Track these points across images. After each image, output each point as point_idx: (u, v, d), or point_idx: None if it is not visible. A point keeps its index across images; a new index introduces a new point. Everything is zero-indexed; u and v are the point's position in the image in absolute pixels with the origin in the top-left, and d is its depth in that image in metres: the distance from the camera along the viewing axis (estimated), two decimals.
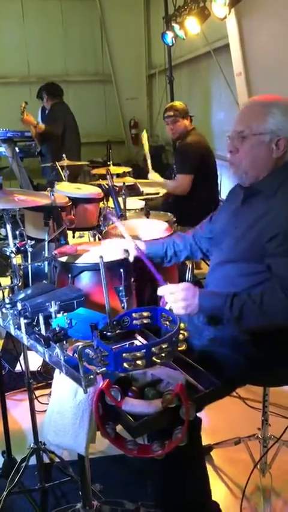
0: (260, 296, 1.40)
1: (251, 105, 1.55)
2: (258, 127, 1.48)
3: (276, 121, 1.46)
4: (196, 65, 6.16)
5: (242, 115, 1.55)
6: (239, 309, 1.40)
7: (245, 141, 1.51)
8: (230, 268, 1.56)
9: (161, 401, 1.14)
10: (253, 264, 1.49)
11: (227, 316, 1.43)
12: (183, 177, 3.46)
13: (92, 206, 2.88)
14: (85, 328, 1.20)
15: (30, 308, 1.33)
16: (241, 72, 3.89)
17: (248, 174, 1.55)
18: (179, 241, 1.88)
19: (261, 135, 1.48)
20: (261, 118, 1.48)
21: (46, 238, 2.14)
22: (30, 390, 1.81)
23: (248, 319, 1.41)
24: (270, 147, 1.49)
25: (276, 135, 1.47)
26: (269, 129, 1.47)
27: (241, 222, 1.57)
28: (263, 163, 1.51)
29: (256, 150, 1.50)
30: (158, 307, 1.35)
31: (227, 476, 1.95)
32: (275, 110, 1.47)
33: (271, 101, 1.50)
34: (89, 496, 1.49)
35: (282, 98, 1.52)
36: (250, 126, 1.50)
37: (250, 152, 1.51)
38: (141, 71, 8.24)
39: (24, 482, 1.82)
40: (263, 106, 1.50)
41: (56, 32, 7.89)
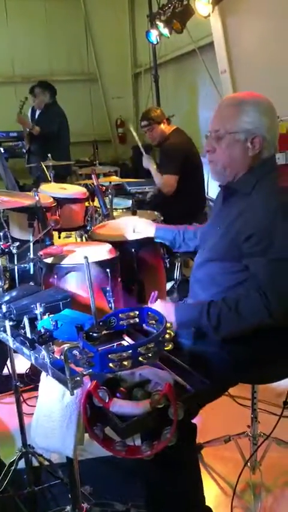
0: (235, 301, 1.40)
1: (226, 103, 1.53)
2: (233, 126, 1.48)
3: (250, 119, 1.46)
4: (181, 63, 6.16)
5: (218, 114, 1.54)
6: (217, 317, 1.41)
7: (221, 140, 1.51)
8: (213, 267, 1.56)
9: (149, 402, 1.13)
10: (234, 262, 1.49)
11: (206, 325, 1.43)
12: (169, 177, 3.47)
13: (77, 206, 2.86)
14: (71, 330, 1.18)
15: (15, 310, 1.31)
16: (226, 70, 3.91)
17: (226, 172, 1.55)
18: (190, 230, 1.90)
19: (236, 134, 1.48)
20: (236, 117, 1.47)
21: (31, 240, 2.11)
22: (18, 393, 1.79)
23: (226, 326, 1.41)
24: (246, 145, 1.48)
25: (251, 133, 1.47)
26: (243, 127, 1.47)
27: (221, 222, 1.57)
28: (239, 162, 1.51)
29: (232, 149, 1.50)
30: (144, 307, 1.34)
31: (217, 474, 1.95)
32: (249, 108, 1.46)
33: (246, 99, 1.50)
34: (78, 498, 1.48)
35: (258, 95, 1.51)
36: (225, 125, 1.49)
37: (226, 151, 1.51)
38: (126, 70, 8.23)
39: (13, 485, 1.80)
40: (237, 104, 1.49)
41: (40, 31, 7.83)
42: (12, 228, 2.54)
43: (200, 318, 1.43)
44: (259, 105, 1.47)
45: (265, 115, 1.47)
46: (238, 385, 1.60)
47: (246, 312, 1.39)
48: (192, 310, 1.46)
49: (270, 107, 1.49)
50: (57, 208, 2.67)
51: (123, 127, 8.36)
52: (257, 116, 1.46)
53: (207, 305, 1.42)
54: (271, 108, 1.49)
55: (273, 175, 1.51)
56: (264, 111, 1.47)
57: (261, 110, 1.47)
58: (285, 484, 1.88)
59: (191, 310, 1.47)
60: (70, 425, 1.29)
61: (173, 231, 1.92)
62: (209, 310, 1.41)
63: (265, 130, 1.47)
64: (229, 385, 1.58)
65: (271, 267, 1.38)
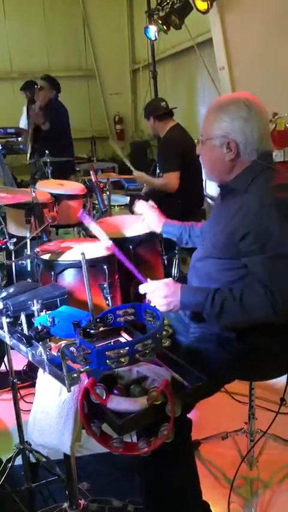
0: (240, 292, 1.40)
1: (209, 109, 1.56)
2: (210, 132, 1.52)
3: (222, 125, 1.48)
4: (180, 60, 6.14)
5: (203, 119, 1.58)
6: (220, 305, 1.40)
7: (203, 146, 1.57)
8: (210, 263, 1.57)
9: (146, 399, 1.13)
10: (231, 259, 1.49)
11: (208, 311, 1.43)
12: (170, 174, 3.45)
13: (75, 202, 2.85)
14: (68, 326, 1.18)
15: (12, 307, 1.31)
16: (224, 67, 3.89)
17: (212, 175, 1.61)
18: (196, 227, 1.91)
19: (212, 140, 1.52)
20: (212, 123, 1.51)
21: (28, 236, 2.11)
22: (15, 390, 1.79)
23: (228, 314, 1.41)
24: (222, 150, 1.50)
25: (225, 138, 1.49)
26: (216, 133, 1.50)
27: (219, 219, 1.58)
28: (220, 166, 1.54)
29: (210, 154, 1.55)
30: (141, 303, 1.33)
31: (214, 471, 1.95)
32: (222, 115, 1.48)
33: (222, 104, 1.51)
34: (75, 495, 1.48)
35: (239, 97, 1.50)
36: (205, 131, 1.55)
37: (207, 156, 1.58)
38: (125, 66, 8.20)
39: (10, 482, 1.80)
40: (214, 111, 1.52)
41: (38, 27, 7.80)
42: (9, 225, 2.53)
43: (205, 303, 1.42)
44: (233, 110, 1.47)
45: (239, 119, 1.46)
46: (236, 381, 1.60)
47: (250, 305, 1.39)
48: (198, 293, 1.46)
49: (247, 109, 1.46)
50: (54, 205, 2.66)
51: (121, 123, 8.34)
52: (229, 122, 1.47)
53: (213, 291, 1.42)
54: (249, 110, 1.46)
55: (268, 173, 1.51)
56: (237, 116, 1.46)
57: (235, 114, 1.46)
58: (282, 480, 1.88)
59: (197, 294, 1.46)
60: (67, 422, 1.29)
61: (179, 227, 1.93)
62: (214, 297, 1.41)
63: (238, 135, 1.47)
64: (226, 381, 1.58)
65: (270, 265, 1.38)
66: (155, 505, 1.48)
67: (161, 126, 3.59)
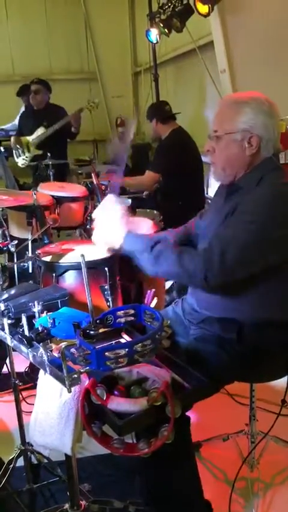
0: (181, 249, 1.45)
1: (224, 104, 1.55)
2: (230, 126, 1.49)
3: (246, 119, 1.47)
4: (181, 63, 6.16)
5: (217, 115, 1.56)
6: (158, 251, 1.45)
7: (219, 141, 1.53)
8: None
9: (146, 400, 1.14)
10: None
11: (146, 256, 1.47)
12: (149, 173, 3.49)
13: (76, 205, 2.87)
14: (69, 328, 1.19)
15: (13, 308, 1.32)
16: (225, 69, 3.90)
17: (225, 172, 1.56)
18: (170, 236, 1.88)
19: (233, 134, 1.49)
20: (233, 117, 1.49)
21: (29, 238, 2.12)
22: (17, 391, 1.79)
23: (164, 263, 1.44)
24: (243, 145, 1.49)
25: (248, 132, 1.48)
26: (240, 127, 1.48)
27: (222, 216, 1.57)
28: (238, 162, 1.52)
29: (230, 149, 1.52)
30: (141, 304, 1.34)
31: (215, 472, 1.95)
32: (245, 109, 1.48)
33: (243, 99, 1.51)
34: (76, 495, 1.48)
35: (257, 94, 1.52)
36: (223, 125, 1.52)
37: (224, 151, 1.53)
38: (126, 69, 8.21)
39: (12, 483, 1.80)
40: (234, 105, 1.51)
41: (40, 30, 7.82)
42: (11, 227, 2.55)
43: (145, 248, 1.47)
44: (256, 105, 1.48)
45: (262, 114, 1.47)
46: (236, 383, 1.61)
47: (186, 262, 1.40)
48: (142, 240, 1.51)
49: (268, 106, 1.49)
50: (56, 207, 2.67)
51: (123, 126, 8.34)
52: (253, 115, 1.47)
53: (156, 240, 1.49)
54: (269, 107, 1.49)
55: (277, 173, 1.52)
56: (260, 110, 1.47)
57: (258, 109, 1.47)
58: (283, 481, 1.88)
59: (141, 241, 1.51)
60: (68, 423, 1.30)
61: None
62: (155, 245, 1.46)
63: (262, 129, 1.47)
64: (225, 382, 1.58)
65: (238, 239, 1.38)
66: (156, 505, 1.48)
67: (164, 128, 3.61)
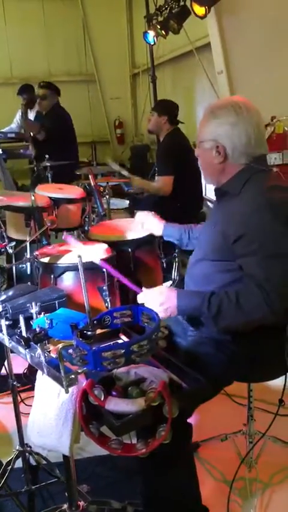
0: (236, 294, 1.41)
1: (204, 113, 1.60)
2: (202, 135, 1.57)
3: (211, 129, 1.53)
4: (179, 64, 6.18)
5: (200, 123, 1.61)
6: (217, 308, 1.41)
7: (198, 148, 1.61)
8: (207, 265, 1.58)
9: (144, 400, 1.14)
10: (226, 261, 1.51)
11: (206, 315, 1.43)
12: (164, 178, 3.48)
13: (74, 206, 2.87)
14: (66, 329, 1.19)
15: (11, 309, 1.32)
16: (222, 70, 3.91)
17: (207, 178, 1.65)
18: (195, 228, 1.93)
19: (204, 143, 1.57)
20: (204, 127, 1.56)
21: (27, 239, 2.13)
22: (15, 392, 1.79)
23: (225, 317, 1.41)
24: (212, 153, 1.54)
25: (215, 141, 1.53)
26: (207, 137, 1.55)
27: (215, 222, 1.61)
28: (211, 169, 1.59)
29: (203, 157, 1.60)
30: (138, 305, 1.35)
31: (214, 472, 1.95)
32: (212, 119, 1.53)
33: (214, 109, 1.56)
34: (75, 496, 1.49)
35: (231, 102, 1.54)
36: (199, 134, 1.59)
37: (201, 158, 1.62)
38: (124, 71, 8.23)
39: (10, 485, 1.80)
40: (207, 114, 1.56)
41: (38, 32, 7.84)
42: (9, 228, 2.55)
43: (201, 307, 1.43)
44: (222, 115, 1.51)
45: (225, 124, 1.50)
46: (234, 383, 1.61)
47: (247, 306, 1.39)
48: (194, 298, 1.47)
49: (235, 115, 1.49)
50: (54, 209, 2.68)
51: (121, 128, 8.36)
52: (217, 126, 1.52)
53: (209, 294, 1.43)
54: (237, 116, 1.49)
55: (260, 176, 1.52)
56: (226, 121, 1.50)
57: (223, 119, 1.50)
58: (281, 481, 1.88)
59: (193, 298, 1.47)
60: (66, 423, 1.30)
61: (179, 230, 1.95)
62: (210, 300, 1.42)
63: (225, 139, 1.51)
64: (224, 384, 1.59)
65: (266, 265, 1.39)
66: (153, 506, 1.49)
67: (165, 127, 3.62)
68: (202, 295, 1.44)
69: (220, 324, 1.44)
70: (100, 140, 8.04)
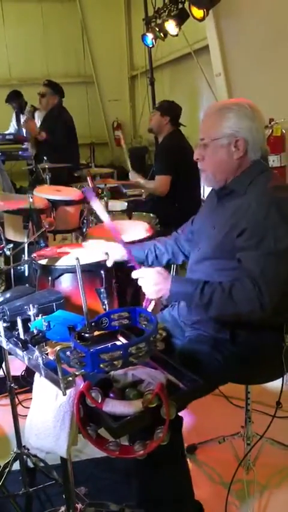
0: (230, 285, 1.42)
1: (209, 112, 1.59)
2: (216, 132, 1.54)
3: (230, 124, 1.51)
4: (177, 66, 6.19)
5: (202, 123, 1.60)
6: (209, 296, 1.42)
7: (207, 148, 1.57)
8: (207, 265, 1.59)
9: (141, 402, 1.14)
10: (228, 260, 1.51)
11: (197, 302, 1.45)
12: (161, 178, 3.48)
13: (72, 208, 2.88)
14: (64, 331, 1.19)
15: (8, 311, 1.32)
16: (220, 73, 3.92)
17: (216, 178, 1.60)
18: (160, 244, 1.89)
19: (219, 140, 1.54)
20: (217, 123, 1.53)
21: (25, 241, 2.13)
22: (13, 395, 1.79)
23: (216, 306, 1.43)
24: (230, 149, 1.53)
25: (233, 136, 1.52)
26: (225, 132, 1.52)
27: (216, 221, 1.60)
28: (227, 166, 1.56)
29: (218, 155, 1.56)
30: (136, 307, 1.35)
31: (211, 475, 1.95)
32: (229, 114, 1.52)
33: (225, 104, 1.56)
34: (72, 498, 1.48)
35: (239, 100, 1.56)
36: (209, 133, 1.56)
37: (213, 157, 1.57)
38: (123, 73, 8.25)
39: (8, 487, 1.80)
40: (218, 111, 1.55)
41: (36, 34, 7.85)
42: (7, 230, 2.55)
43: (194, 293, 1.44)
44: (239, 109, 1.51)
45: (245, 118, 1.51)
46: (232, 385, 1.61)
47: (239, 298, 1.40)
48: (188, 284, 1.48)
49: (251, 110, 1.52)
50: (52, 211, 2.68)
51: (119, 129, 8.37)
52: (237, 119, 1.51)
53: (203, 283, 1.45)
54: (252, 111, 1.53)
55: (266, 175, 1.55)
56: (244, 114, 1.51)
57: (241, 113, 1.51)
58: (279, 483, 1.89)
59: (187, 284, 1.49)
60: (63, 426, 1.30)
61: (144, 250, 1.86)
62: (204, 288, 1.43)
63: (246, 132, 1.51)
64: (219, 383, 1.59)
65: (263, 261, 1.40)
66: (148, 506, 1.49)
67: (166, 127, 3.63)
68: (196, 282, 1.46)
69: (210, 312, 1.45)
70: (98, 142, 8.04)
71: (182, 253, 1.87)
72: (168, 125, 3.62)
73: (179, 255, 1.88)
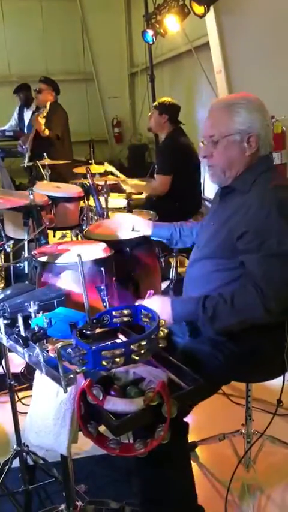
0: (231, 295, 1.40)
1: (216, 107, 1.55)
2: (226, 128, 1.50)
3: (242, 119, 1.48)
4: (178, 63, 6.18)
5: (211, 119, 1.56)
6: (212, 310, 1.41)
7: (217, 145, 1.53)
8: (207, 264, 1.57)
9: (143, 400, 1.13)
10: (227, 260, 1.50)
11: (201, 318, 1.43)
12: (161, 177, 3.47)
13: (72, 205, 2.87)
14: (65, 328, 1.19)
15: (9, 308, 1.31)
16: (221, 70, 3.91)
17: (226, 175, 1.56)
18: (186, 226, 1.91)
19: (231, 136, 1.50)
20: (229, 119, 1.49)
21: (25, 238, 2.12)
22: (12, 392, 1.79)
23: (221, 318, 1.41)
24: (242, 145, 1.50)
25: (246, 132, 1.48)
26: (237, 128, 1.49)
27: (216, 220, 1.59)
28: (238, 163, 1.53)
29: (229, 151, 1.52)
30: (137, 304, 1.34)
31: (211, 472, 1.95)
32: (239, 109, 1.48)
33: (235, 99, 1.52)
34: (72, 496, 1.48)
35: (247, 94, 1.53)
36: (219, 129, 1.51)
37: (224, 154, 1.53)
38: (123, 70, 8.24)
39: (7, 484, 1.79)
40: (227, 106, 1.51)
41: (36, 31, 7.84)
42: (7, 227, 2.54)
43: (196, 311, 1.42)
44: (249, 104, 1.49)
45: (257, 112, 1.49)
46: (232, 383, 1.61)
47: (242, 306, 1.39)
48: (189, 303, 1.47)
49: (260, 105, 1.51)
50: (52, 207, 2.67)
51: (119, 127, 8.36)
52: (248, 115, 1.48)
53: (203, 298, 1.43)
54: (261, 106, 1.51)
55: (270, 174, 1.53)
56: (254, 108, 1.49)
57: (252, 108, 1.48)
58: (279, 481, 1.88)
59: (188, 304, 1.47)
60: (64, 423, 1.29)
61: (169, 228, 1.92)
62: (205, 303, 1.41)
63: (259, 128, 1.49)
64: (221, 383, 1.58)
65: (266, 263, 1.39)
66: (150, 506, 1.48)
67: (166, 126, 3.61)
68: (196, 300, 1.44)
69: (216, 325, 1.43)
70: (98, 139, 8.02)
71: None
72: (167, 123, 3.60)
73: None
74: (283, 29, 3.65)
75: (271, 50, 3.72)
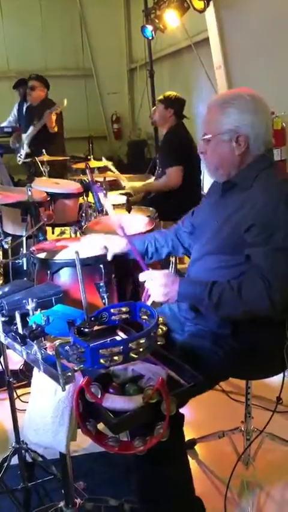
0: (238, 284, 1.40)
1: (211, 105, 1.56)
2: (217, 128, 1.51)
3: (231, 119, 1.48)
4: (177, 59, 6.15)
5: (207, 116, 1.57)
6: (218, 296, 1.40)
7: (209, 143, 1.55)
8: (210, 260, 1.56)
9: (142, 397, 1.13)
10: (232, 256, 1.49)
11: (206, 303, 1.42)
12: (173, 169, 3.43)
13: (71, 201, 2.85)
14: (63, 325, 1.18)
15: (7, 305, 1.30)
16: (221, 66, 3.89)
17: (219, 172, 1.58)
18: (160, 237, 1.86)
19: (221, 135, 1.51)
20: (219, 118, 1.50)
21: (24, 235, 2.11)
22: (11, 389, 1.78)
23: (226, 306, 1.40)
24: (231, 145, 1.50)
25: (234, 132, 1.49)
26: (225, 128, 1.49)
27: (219, 215, 1.57)
28: (229, 161, 1.54)
29: (219, 150, 1.53)
30: (136, 302, 1.33)
31: (211, 470, 1.95)
32: (229, 109, 1.48)
33: (227, 99, 1.51)
34: (71, 493, 1.47)
35: (243, 92, 1.51)
36: (210, 127, 1.53)
37: (215, 152, 1.55)
38: (122, 65, 8.21)
39: (6, 482, 1.79)
40: (220, 106, 1.51)
41: (35, 26, 7.80)
42: (5, 223, 2.53)
43: (202, 294, 1.41)
44: (239, 104, 1.48)
45: (246, 112, 1.47)
46: (232, 381, 1.60)
47: (248, 296, 1.38)
48: (196, 285, 1.45)
49: (253, 103, 1.48)
50: (50, 204, 2.66)
51: (118, 123, 8.33)
52: (238, 115, 1.48)
53: (211, 283, 1.42)
54: (254, 104, 1.48)
55: (271, 169, 1.53)
56: (247, 108, 1.47)
57: (244, 108, 1.47)
58: (278, 478, 1.88)
59: (195, 286, 1.46)
60: (62, 421, 1.28)
61: (144, 242, 1.84)
62: (212, 288, 1.40)
63: (248, 128, 1.48)
64: (220, 379, 1.58)
65: (274, 256, 1.38)
66: (148, 502, 1.48)
67: (171, 120, 3.59)
68: (204, 283, 1.43)
69: (220, 312, 1.43)
70: (97, 135, 8.00)
71: (182, 245, 1.85)
72: (172, 117, 3.59)
73: (179, 247, 1.86)
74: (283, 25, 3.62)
75: (271, 45, 3.70)
